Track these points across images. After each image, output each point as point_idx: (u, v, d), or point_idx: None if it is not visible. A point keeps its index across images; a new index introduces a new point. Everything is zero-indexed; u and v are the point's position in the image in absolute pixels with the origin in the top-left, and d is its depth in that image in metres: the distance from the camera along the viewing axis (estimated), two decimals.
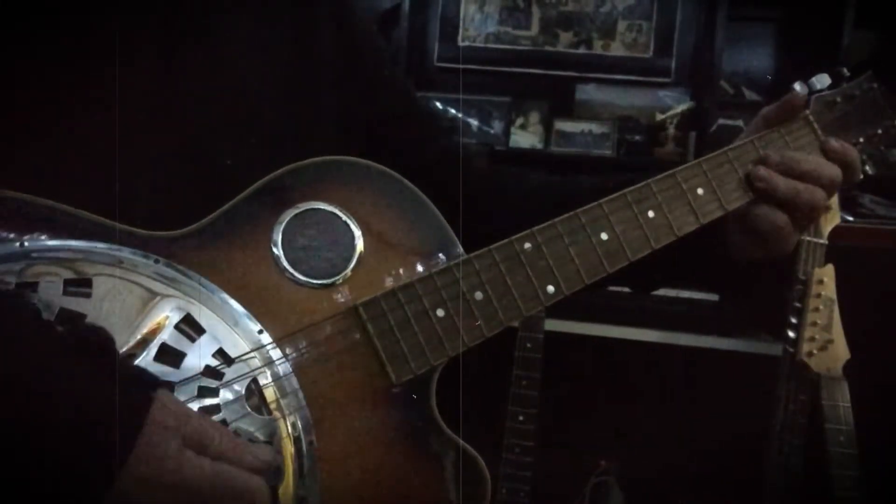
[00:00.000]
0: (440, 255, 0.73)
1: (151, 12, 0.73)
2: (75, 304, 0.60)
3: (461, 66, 2.85)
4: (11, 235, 0.61)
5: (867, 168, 0.90)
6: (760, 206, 0.81)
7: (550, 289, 0.74)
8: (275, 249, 0.68)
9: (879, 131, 0.90)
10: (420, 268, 0.72)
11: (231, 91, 0.77)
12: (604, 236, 0.77)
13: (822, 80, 0.89)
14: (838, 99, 0.89)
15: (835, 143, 0.84)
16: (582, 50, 2.84)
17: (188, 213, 0.68)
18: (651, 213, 0.79)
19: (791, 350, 1.64)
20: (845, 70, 0.90)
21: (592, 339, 2.13)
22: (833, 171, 0.81)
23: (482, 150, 2.61)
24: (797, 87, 0.88)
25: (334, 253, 0.70)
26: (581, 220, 0.76)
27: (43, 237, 0.62)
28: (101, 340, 0.59)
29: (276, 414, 0.64)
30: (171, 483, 0.54)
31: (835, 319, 1.62)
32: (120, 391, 0.54)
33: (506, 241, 0.74)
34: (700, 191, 0.81)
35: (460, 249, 0.74)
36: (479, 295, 0.72)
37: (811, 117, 0.87)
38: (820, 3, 2.51)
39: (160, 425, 0.55)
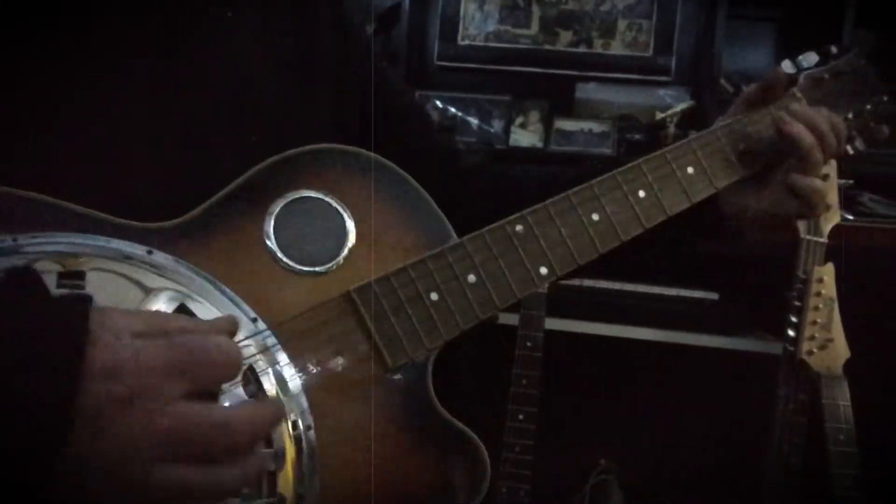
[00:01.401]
0: (433, 239, 0.73)
1: (151, 10, 0.73)
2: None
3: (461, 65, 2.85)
4: (3, 230, 0.60)
5: (857, 144, 0.90)
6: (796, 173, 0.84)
7: (543, 270, 0.75)
8: (267, 238, 0.69)
9: (868, 107, 0.91)
10: (413, 252, 0.72)
11: (229, 87, 0.77)
12: (595, 217, 0.77)
13: (809, 59, 0.90)
14: (826, 76, 0.89)
15: (797, 106, 0.85)
16: (582, 49, 2.83)
17: (184, 207, 0.68)
18: (642, 193, 0.79)
19: (791, 349, 1.64)
20: (833, 48, 0.91)
21: (592, 337, 2.13)
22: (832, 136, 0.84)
23: (475, 147, 2.61)
24: (785, 65, 0.88)
25: (327, 240, 0.70)
26: (572, 201, 0.77)
27: (35, 231, 0.61)
28: (20, 274, 0.56)
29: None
30: (136, 369, 0.51)
31: (835, 318, 1.62)
32: (53, 311, 0.52)
33: (498, 223, 0.74)
34: (690, 170, 0.82)
35: (452, 233, 0.74)
36: (472, 278, 0.72)
37: (799, 94, 0.87)
38: (820, 3, 2.51)
39: (104, 327, 0.52)
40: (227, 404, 0.58)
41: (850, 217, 2.03)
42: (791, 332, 1.64)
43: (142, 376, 0.51)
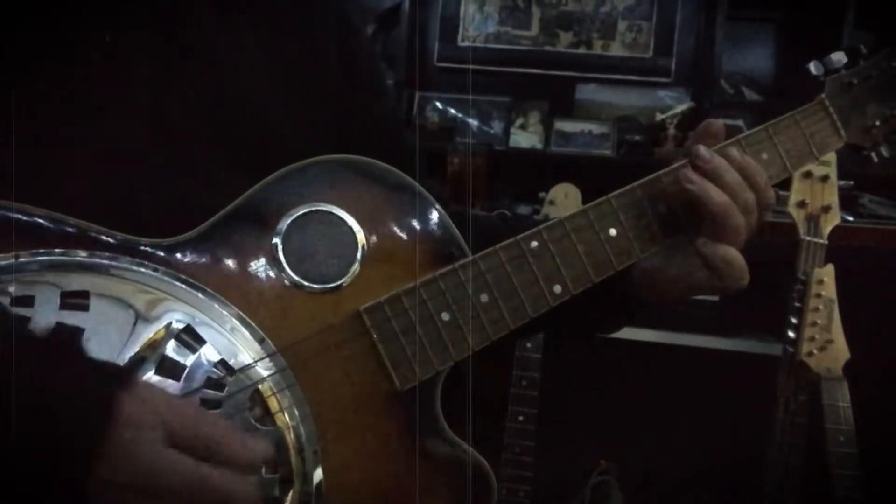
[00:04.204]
0: (445, 255, 0.71)
1: (149, 22, 0.71)
2: (72, 317, 0.58)
3: (462, 66, 2.85)
4: (6, 248, 0.58)
5: (882, 151, 0.87)
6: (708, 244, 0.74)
7: (557, 288, 0.72)
8: (275, 254, 0.66)
9: None
10: (424, 267, 0.69)
11: (230, 100, 0.75)
12: (612, 232, 0.74)
13: (839, 59, 0.86)
14: (854, 81, 0.85)
15: (704, 151, 0.74)
16: (582, 50, 2.83)
17: (188, 221, 0.66)
18: (662, 208, 0.76)
19: (791, 350, 1.64)
20: (863, 47, 0.87)
21: (592, 338, 2.13)
22: (748, 193, 0.74)
23: (475, 148, 2.59)
24: (812, 66, 0.85)
25: (337, 255, 0.68)
26: (590, 216, 0.74)
27: (38, 249, 0.59)
28: (63, 336, 0.56)
29: (280, 424, 0.63)
30: (149, 486, 0.51)
31: (835, 319, 1.62)
32: (86, 388, 0.51)
33: (512, 240, 0.71)
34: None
35: (466, 250, 0.71)
36: (484, 297, 0.69)
37: (826, 101, 0.83)
38: (820, 3, 2.51)
39: (135, 422, 0.51)
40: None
41: (850, 218, 2.03)
42: (791, 334, 1.64)
43: (156, 496, 0.51)
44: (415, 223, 0.71)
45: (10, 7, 0.66)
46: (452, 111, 2.82)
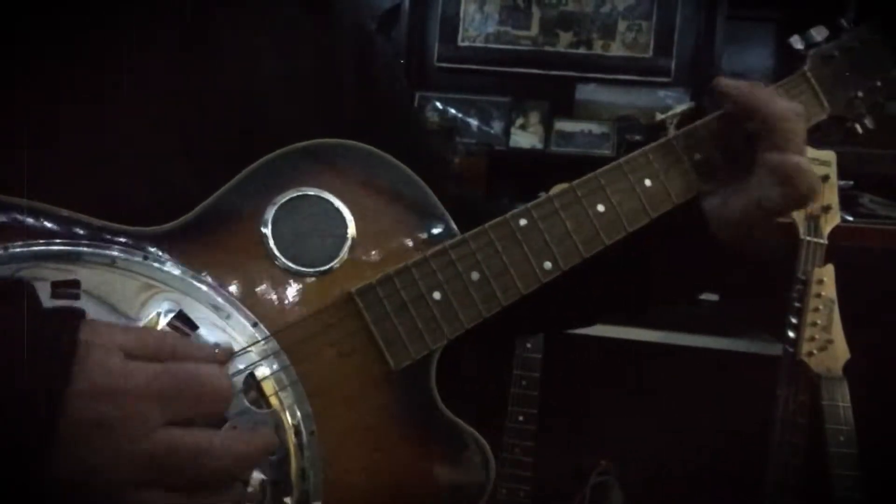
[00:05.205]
0: (435, 236, 0.72)
1: (160, 15, 0.71)
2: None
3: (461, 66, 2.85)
4: None
5: (867, 122, 0.88)
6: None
7: (548, 265, 0.73)
8: (265, 238, 0.67)
9: (879, 84, 0.88)
10: (415, 250, 0.70)
11: (238, 95, 0.75)
12: (600, 208, 0.76)
13: (820, 32, 0.88)
14: (836, 53, 0.87)
15: (724, 81, 0.78)
16: (582, 50, 2.84)
17: (182, 213, 0.66)
18: (648, 182, 0.78)
19: (791, 350, 1.64)
20: (843, 21, 0.89)
21: (592, 338, 2.13)
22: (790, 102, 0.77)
23: (475, 148, 2.59)
24: (794, 40, 0.87)
25: (327, 239, 0.68)
26: (577, 192, 0.75)
27: (27, 239, 0.59)
28: (12, 285, 0.56)
29: (276, 407, 0.63)
30: (123, 391, 0.51)
31: (835, 319, 1.62)
32: (43, 324, 0.52)
33: (501, 218, 0.72)
34: (697, 156, 0.80)
35: (455, 229, 0.72)
36: (475, 275, 0.70)
37: (809, 74, 0.85)
38: (820, 3, 2.51)
39: (94, 344, 0.52)
40: (214, 431, 0.57)
41: (850, 218, 2.03)
42: (791, 334, 1.64)
43: (127, 400, 0.52)
44: (404, 205, 0.72)
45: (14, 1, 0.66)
46: (452, 111, 2.82)
